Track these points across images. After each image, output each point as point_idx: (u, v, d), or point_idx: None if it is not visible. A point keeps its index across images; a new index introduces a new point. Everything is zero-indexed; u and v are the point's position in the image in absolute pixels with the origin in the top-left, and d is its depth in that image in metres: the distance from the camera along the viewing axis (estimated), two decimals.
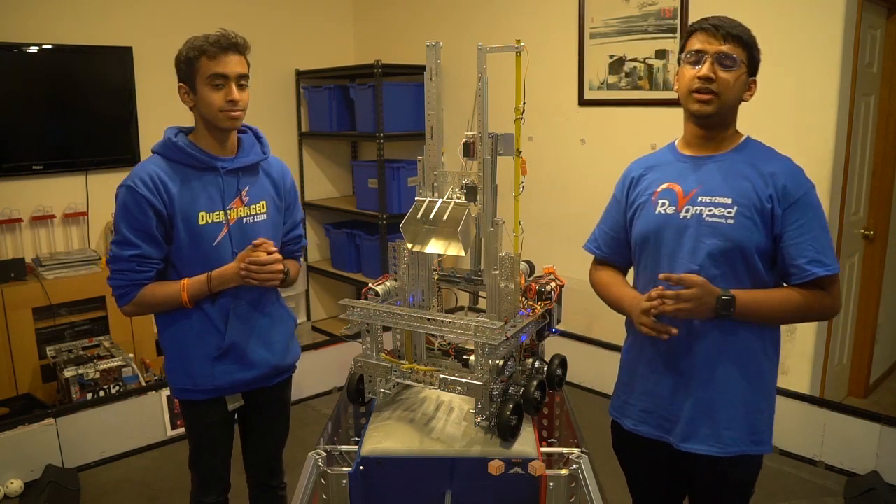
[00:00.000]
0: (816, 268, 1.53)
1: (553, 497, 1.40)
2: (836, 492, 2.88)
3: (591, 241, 1.87)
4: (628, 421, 1.75)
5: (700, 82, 1.55)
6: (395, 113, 4.24)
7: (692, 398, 1.63)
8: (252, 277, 1.78)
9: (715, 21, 1.56)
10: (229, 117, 1.79)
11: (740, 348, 1.60)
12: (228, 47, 1.76)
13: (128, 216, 1.76)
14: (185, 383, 1.88)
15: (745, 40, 1.55)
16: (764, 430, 1.65)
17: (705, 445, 1.62)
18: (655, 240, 1.65)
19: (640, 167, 1.77)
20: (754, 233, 1.55)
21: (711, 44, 1.54)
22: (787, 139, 3.08)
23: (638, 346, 1.74)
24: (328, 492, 1.43)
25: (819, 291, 1.56)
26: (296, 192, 2.05)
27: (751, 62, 1.58)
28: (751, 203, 1.55)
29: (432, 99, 1.50)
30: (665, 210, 1.64)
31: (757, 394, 1.63)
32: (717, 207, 1.57)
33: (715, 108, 1.56)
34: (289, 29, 4.69)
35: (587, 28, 3.69)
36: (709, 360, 1.61)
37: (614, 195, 1.81)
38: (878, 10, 3.28)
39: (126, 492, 2.97)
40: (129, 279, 1.79)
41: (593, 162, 3.79)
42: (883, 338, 3.79)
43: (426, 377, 1.51)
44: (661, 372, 1.67)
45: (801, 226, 1.54)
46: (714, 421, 1.61)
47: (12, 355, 3.45)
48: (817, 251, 1.53)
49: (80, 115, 3.84)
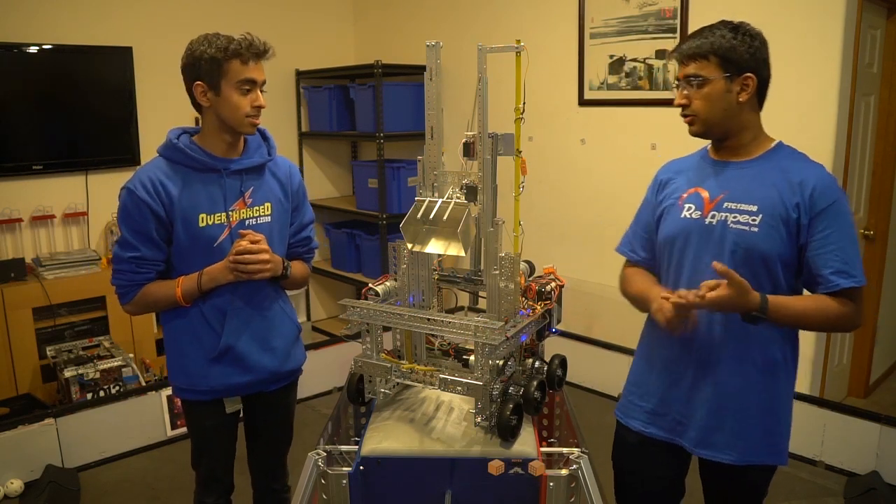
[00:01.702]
0: (842, 279, 1.50)
1: (553, 497, 1.40)
2: (836, 492, 2.88)
3: (625, 244, 1.83)
4: (636, 423, 1.73)
5: (681, 109, 1.62)
6: (395, 113, 4.23)
7: (709, 404, 1.61)
8: (239, 269, 1.77)
9: (677, 48, 1.60)
10: (252, 123, 1.80)
11: (760, 357, 1.59)
12: (259, 53, 1.76)
13: (128, 218, 1.76)
14: (183, 382, 1.88)
15: (710, 49, 1.54)
16: (781, 441, 1.64)
17: (721, 453, 1.61)
18: (680, 244, 1.64)
19: (669, 170, 1.76)
20: (778, 242, 1.53)
21: (680, 70, 1.60)
22: (788, 139, 3.06)
23: (651, 349, 1.73)
24: (328, 492, 1.43)
25: (844, 301, 1.53)
26: (304, 193, 2.02)
27: (728, 65, 1.54)
28: (776, 212, 1.53)
29: (432, 99, 1.50)
30: (691, 214, 1.63)
31: (775, 402, 1.62)
32: (742, 214, 1.56)
33: (699, 127, 1.60)
34: (289, 29, 4.69)
35: (587, 28, 3.69)
36: (728, 368, 1.59)
37: (646, 198, 1.80)
38: (878, 10, 3.28)
39: (126, 492, 2.97)
40: (129, 279, 1.80)
41: (593, 162, 3.80)
42: (883, 338, 3.79)
43: (426, 377, 1.51)
44: (679, 375, 1.65)
45: (828, 236, 1.51)
46: (730, 429, 1.60)
47: (12, 355, 3.46)
48: (843, 262, 1.51)
49: (80, 115, 3.84)
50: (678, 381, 1.66)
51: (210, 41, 1.74)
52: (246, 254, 1.76)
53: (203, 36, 1.76)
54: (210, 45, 1.73)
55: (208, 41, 1.74)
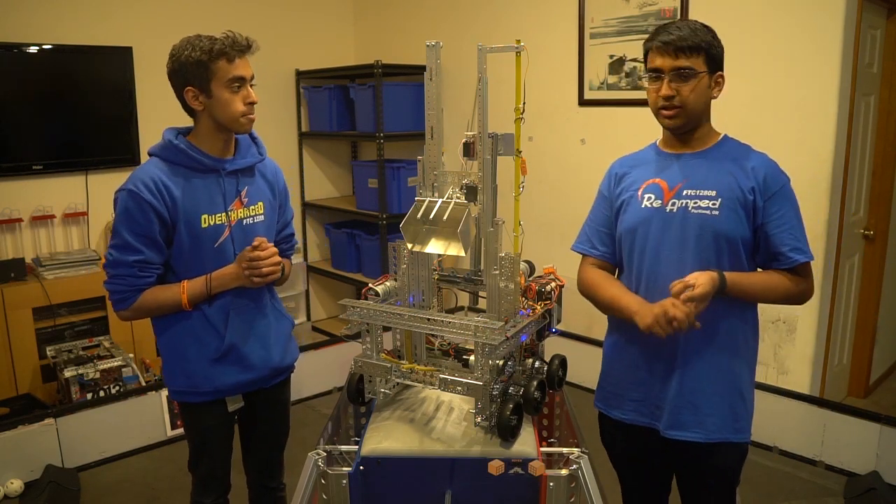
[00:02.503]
0: (798, 255, 1.63)
1: (553, 497, 1.40)
2: (836, 492, 2.88)
3: (583, 241, 1.89)
4: (616, 411, 1.79)
5: (663, 101, 1.63)
6: (395, 113, 4.24)
7: (677, 386, 1.68)
8: (255, 272, 1.78)
9: (665, 37, 1.60)
10: (249, 120, 1.80)
11: (723, 337, 1.67)
12: (243, 49, 1.75)
13: (130, 221, 1.73)
14: (184, 385, 1.87)
15: (699, 45, 1.59)
16: (744, 418, 1.71)
17: (689, 432, 1.68)
18: (642, 233, 1.70)
19: (623, 165, 1.82)
20: (738, 224, 1.62)
21: (665, 61, 1.61)
22: (788, 139, 3.09)
23: (624, 339, 1.78)
24: (328, 492, 1.43)
25: (797, 276, 1.66)
26: (287, 191, 2.05)
27: (711, 61, 1.62)
28: (734, 196, 1.62)
29: (432, 99, 1.50)
30: (651, 204, 1.69)
31: (739, 381, 1.70)
32: (703, 200, 1.64)
33: (683, 120, 1.64)
34: (289, 29, 4.69)
35: (587, 28, 3.69)
36: (693, 350, 1.67)
37: (600, 192, 1.86)
38: (878, 10, 3.28)
39: (126, 492, 2.97)
40: (129, 284, 1.76)
41: (593, 162, 3.79)
42: (883, 338, 3.79)
43: (426, 377, 1.51)
44: (649, 361, 1.72)
45: (782, 216, 1.63)
46: (697, 408, 1.67)
47: (12, 355, 3.46)
48: (796, 239, 1.63)
49: (80, 115, 3.84)
50: (651, 367, 1.72)
51: (193, 44, 1.72)
52: (258, 260, 1.77)
53: (185, 39, 1.74)
54: (194, 49, 1.71)
55: (191, 44, 1.72)
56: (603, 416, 1.86)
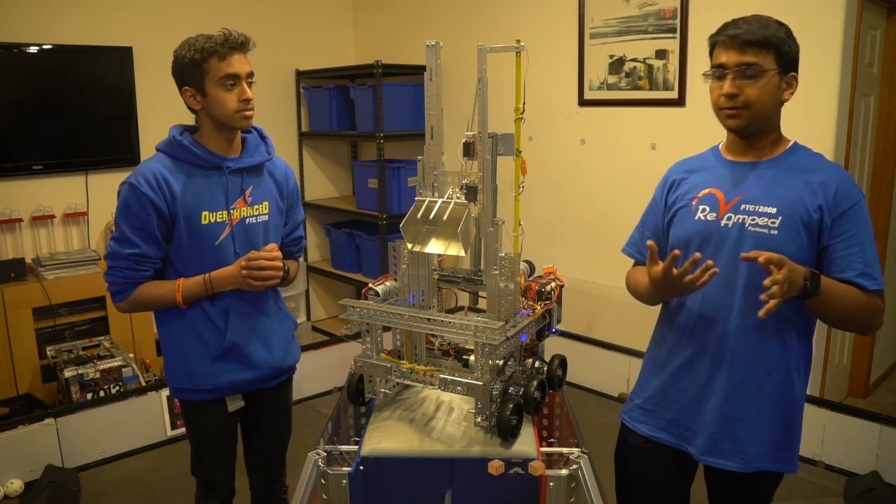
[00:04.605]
0: (866, 281, 1.46)
1: (553, 497, 1.40)
2: (836, 492, 2.88)
3: (631, 245, 1.78)
4: (643, 426, 1.70)
5: (726, 99, 1.49)
6: (395, 113, 4.23)
7: (717, 411, 1.57)
8: (253, 276, 1.78)
9: (732, 31, 1.48)
10: (245, 116, 1.79)
11: (771, 364, 1.54)
12: (237, 47, 1.75)
13: (129, 214, 1.74)
14: (185, 383, 1.87)
15: (770, 40, 1.46)
16: (790, 449, 1.59)
17: (728, 461, 1.57)
18: (695, 247, 1.57)
19: (681, 170, 1.69)
20: (799, 245, 1.48)
21: (731, 56, 1.47)
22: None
23: (664, 353, 1.68)
24: (328, 492, 1.43)
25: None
26: (298, 193, 2.05)
27: (783, 59, 1.48)
28: (796, 214, 1.48)
29: (432, 99, 1.50)
30: (706, 216, 1.57)
31: (785, 411, 1.57)
32: (761, 217, 1.50)
33: (746, 121, 1.50)
34: (289, 29, 4.69)
35: (587, 28, 3.69)
36: (739, 374, 1.55)
37: (654, 198, 1.74)
38: (878, 10, 3.28)
39: (126, 492, 2.97)
40: (126, 277, 1.78)
41: (593, 162, 3.79)
42: (883, 338, 3.79)
43: (426, 377, 1.51)
44: (689, 381, 1.61)
45: (852, 237, 1.47)
46: (738, 436, 1.56)
47: (12, 355, 3.45)
48: (866, 264, 1.47)
49: (79, 115, 3.84)
50: (688, 386, 1.62)
51: (189, 44, 1.73)
52: (260, 269, 1.77)
53: (185, 40, 1.76)
54: (189, 49, 1.73)
55: (188, 44, 1.74)
56: (626, 430, 1.75)
